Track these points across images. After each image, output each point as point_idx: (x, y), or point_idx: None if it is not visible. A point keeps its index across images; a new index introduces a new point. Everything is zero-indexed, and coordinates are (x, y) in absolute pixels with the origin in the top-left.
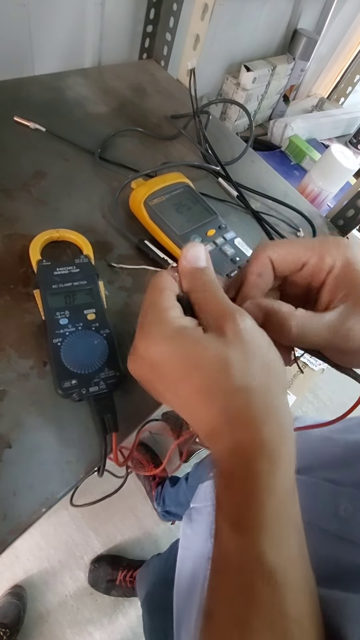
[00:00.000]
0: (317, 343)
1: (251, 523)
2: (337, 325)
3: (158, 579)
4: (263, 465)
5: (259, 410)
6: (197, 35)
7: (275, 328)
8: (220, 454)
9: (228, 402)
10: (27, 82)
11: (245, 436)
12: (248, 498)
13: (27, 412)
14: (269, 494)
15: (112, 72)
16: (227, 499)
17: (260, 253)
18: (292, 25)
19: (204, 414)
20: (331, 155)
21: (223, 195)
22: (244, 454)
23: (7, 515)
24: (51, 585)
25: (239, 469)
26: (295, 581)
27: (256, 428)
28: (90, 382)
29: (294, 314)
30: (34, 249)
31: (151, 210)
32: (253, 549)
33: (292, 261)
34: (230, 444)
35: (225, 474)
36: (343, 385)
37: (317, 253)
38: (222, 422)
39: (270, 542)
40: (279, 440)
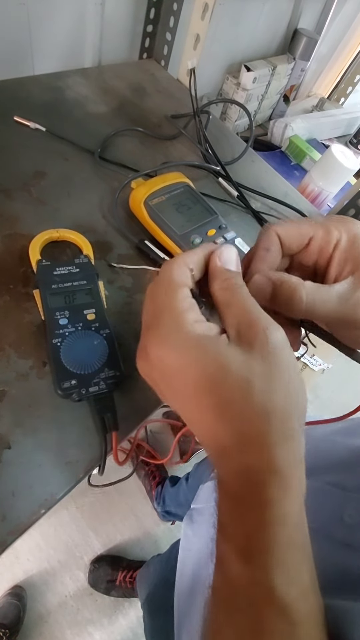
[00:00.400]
0: (326, 314)
1: (262, 554)
2: (346, 294)
3: (159, 580)
4: (275, 492)
5: (276, 435)
6: (197, 35)
7: (284, 299)
8: (228, 475)
9: (245, 424)
10: (27, 81)
11: (257, 461)
12: (258, 527)
13: (26, 412)
14: (280, 524)
15: (112, 72)
16: (234, 524)
17: (268, 229)
18: (292, 25)
19: (215, 432)
20: (332, 155)
21: (223, 195)
22: (255, 478)
23: (6, 517)
24: (51, 585)
25: (248, 495)
26: (308, 615)
27: (270, 453)
28: (90, 382)
29: (303, 284)
30: (33, 248)
31: (151, 210)
32: (264, 582)
33: (299, 236)
34: (240, 467)
35: (233, 497)
36: (344, 384)
37: (323, 227)
38: (235, 442)
39: (282, 575)
40: (292, 467)
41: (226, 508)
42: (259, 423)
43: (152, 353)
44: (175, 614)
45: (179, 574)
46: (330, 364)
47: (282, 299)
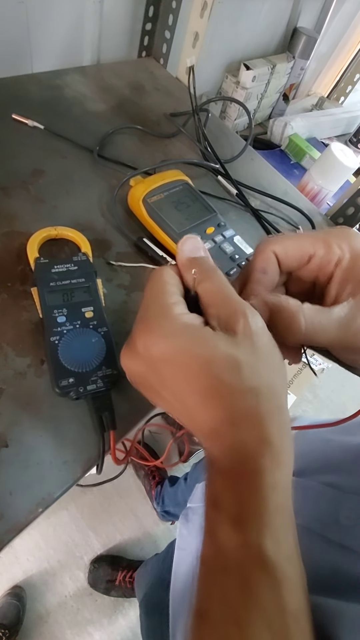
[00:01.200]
0: (326, 342)
1: (253, 518)
2: (347, 321)
3: (155, 579)
4: (267, 461)
5: (265, 410)
6: (196, 33)
7: (283, 326)
8: (221, 454)
9: (236, 403)
10: (26, 79)
11: (250, 435)
12: (251, 493)
13: (24, 410)
14: (272, 490)
15: (111, 70)
16: (227, 496)
17: (265, 248)
18: (291, 23)
19: (205, 415)
20: (331, 154)
21: (222, 193)
22: (248, 451)
23: (4, 515)
24: (51, 585)
25: (241, 467)
26: (293, 577)
27: (262, 427)
28: (88, 381)
29: (302, 309)
30: (31, 246)
31: (150, 207)
32: (254, 544)
33: (298, 254)
34: (233, 443)
35: (226, 473)
36: (343, 384)
37: (324, 244)
38: (227, 422)
39: (272, 536)
40: (282, 438)
41: (218, 482)
42: (249, 399)
43: (140, 343)
44: (171, 613)
45: (174, 573)
46: (330, 364)
47: (279, 326)
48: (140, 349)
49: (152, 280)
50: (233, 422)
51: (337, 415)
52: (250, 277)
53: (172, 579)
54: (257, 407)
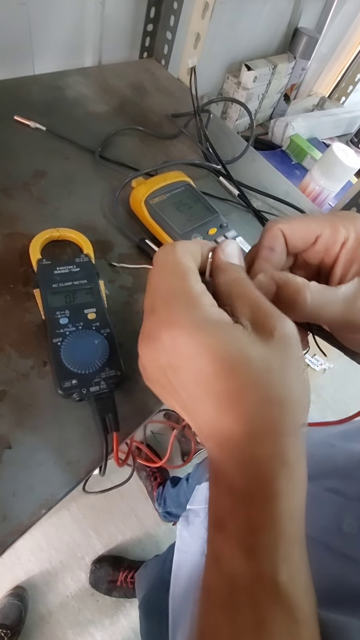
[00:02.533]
0: (331, 318)
1: (268, 548)
2: (352, 298)
3: (155, 581)
4: (284, 485)
5: (288, 425)
6: (197, 34)
7: (288, 301)
8: (234, 468)
9: (259, 412)
10: (28, 81)
11: (269, 451)
12: (266, 520)
13: (27, 412)
14: (288, 518)
15: (113, 71)
16: (237, 520)
17: (273, 226)
18: (292, 24)
19: (223, 421)
20: (333, 154)
21: (224, 194)
22: (264, 470)
23: (7, 517)
24: (52, 586)
25: (256, 487)
26: (310, 614)
27: (283, 444)
28: (91, 382)
29: (308, 285)
30: (34, 248)
31: (152, 209)
32: (269, 579)
33: (305, 234)
34: (249, 458)
35: (237, 491)
36: (345, 384)
37: (330, 225)
38: (245, 431)
39: (288, 572)
40: (300, 460)
41: (227, 503)
42: (275, 411)
43: (167, 336)
44: (170, 616)
45: (174, 576)
46: (332, 364)
47: (286, 301)
48: (166, 341)
49: (167, 264)
50: (252, 433)
51: (341, 416)
52: (258, 255)
53: (172, 582)
54: (280, 421)
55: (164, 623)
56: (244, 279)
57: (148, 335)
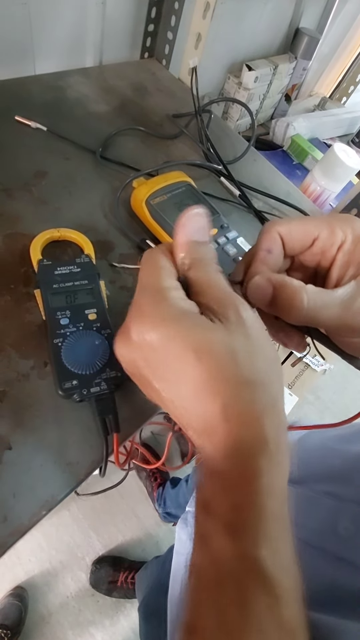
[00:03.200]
0: (328, 321)
1: (250, 526)
2: (349, 301)
3: (154, 583)
4: (264, 463)
5: (262, 405)
6: (198, 34)
7: (284, 303)
8: (215, 452)
9: (232, 396)
10: (28, 81)
11: (246, 433)
12: (247, 498)
13: (27, 412)
14: (269, 495)
15: (114, 71)
16: (221, 500)
17: (270, 228)
18: (294, 24)
19: (199, 408)
20: (334, 154)
21: (225, 195)
22: (244, 451)
23: (7, 518)
24: (53, 586)
25: (237, 468)
26: (290, 590)
27: (259, 424)
28: (92, 383)
29: (305, 288)
30: (34, 248)
31: (153, 209)
32: (251, 555)
33: (302, 236)
34: (228, 441)
35: (220, 474)
36: (344, 386)
37: (328, 227)
38: (222, 417)
39: (269, 547)
40: (279, 437)
41: (211, 484)
42: (245, 394)
43: (134, 329)
44: (169, 619)
45: (172, 579)
46: (332, 365)
47: (282, 303)
48: (133, 335)
49: (145, 262)
50: (227, 416)
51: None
52: (255, 257)
53: (170, 585)
54: (253, 401)
55: (163, 626)
56: (206, 259)
57: (121, 332)
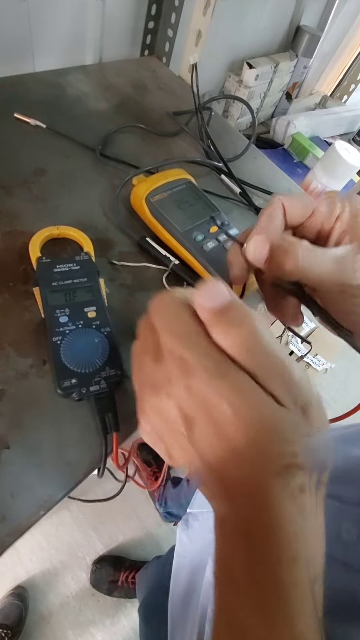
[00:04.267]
0: (321, 276)
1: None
2: (343, 258)
3: (154, 585)
4: (301, 547)
5: (299, 486)
6: (199, 31)
7: (281, 257)
8: (245, 524)
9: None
10: (28, 78)
11: (287, 511)
12: (287, 582)
13: (26, 411)
14: (308, 579)
15: (113, 69)
16: (253, 577)
17: (274, 198)
18: (294, 21)
19: (237, 474)
20: (335, 152)
21: (225, 192)
22: (285, 530)
23: (5, 518)
24: (53, 586)
25: (276, 548)
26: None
27: (299, 505)
28: (91, 381)
29: (300, 242)
30: (33, 246)
31: (153, 206)
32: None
33: (303, 207)
34: (265, 516)
35: (253, 548)
36: (346, 385)
37: (327, 200)
38: (260, 488)
39: (304, 621)
40: (314, 513)
41: (242, 560)
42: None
43: (180, 385)
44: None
45: (173, 581)
46: (333, 364)
47: (278, 257)
48: (181, 391)
49: (173, 311)
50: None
51: None
52: (257, 222)
53: (171, 588)
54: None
55: (163, 628)
56: (249, 331)
57: (154, 389)
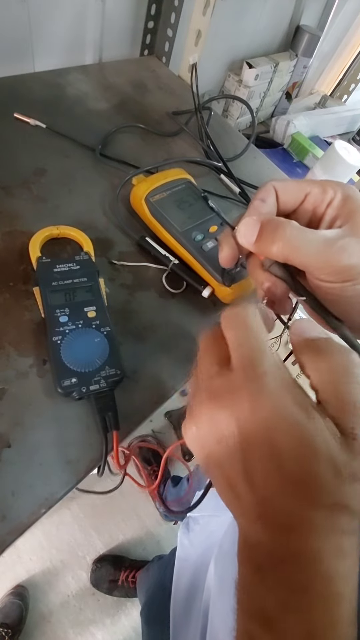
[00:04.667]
0: (310, 256)
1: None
2: (332, 239)
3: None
4: (342, 587)
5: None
6: (198, 31)
7: (269, 236)
8: (290, 558)
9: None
10: (28, 78)
11: (330, 547)
12: (327, 622)
13: (26, 410)
14: (349, 620)
15: (113, 69)
16: (293, 616)
17: (267, 183)
18: (294, 21)
19: (287, 504)
20: (335, 152)
21: (225, 192)
22: (327, 567)
23: (6, 516)
24: (53, 585)
25: (320, 583)
26: None
27: (340, 541)
28: (91, 381)
29: (290, 222)
30: (33, 246)
31: (152, 206)
32: None
33: (295, 190)
34: (310, 552)
35: (295, 584)
36: None
37: (319, 186)
38: (311, 522)
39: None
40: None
41: (280, 596)
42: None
43: (245, 403)
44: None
45: (175, 584)
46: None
47: (267, 236)
48: (245, 408)
49: (253, 328)
50: (319, 526)
51: None
52: (249, 205)
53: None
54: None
55: (166, 631)
56: (337, 364)
57: (216, 396)
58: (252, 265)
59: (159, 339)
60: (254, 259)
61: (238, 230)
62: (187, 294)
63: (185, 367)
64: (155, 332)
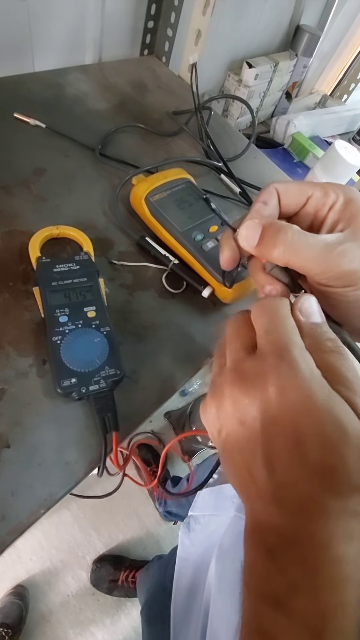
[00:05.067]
0: (310, 260)
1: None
2: (333, 244)
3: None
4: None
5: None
6: (198, 31)
7: (270, 240)
8: (308, 541)
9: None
10: (27, 78)
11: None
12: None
13: (26, 411)
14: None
15: (113, 69)
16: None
17: (269, 185)
18: (294, 21)
19: (309, 488)
20: (335, 152)
21: (225, 192)
22: (344, 551)
23: (6, 516)
24: (53, 585)
25: (336, 567)
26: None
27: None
28: (90, 381)
29: (291, 226)
30: (33, 245)
31: (152, 206)
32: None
33: (297, 193)
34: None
35: (310, 567)
36: None
37: (321, 188)
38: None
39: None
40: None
41: (292, 577)
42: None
43: (273, 384)
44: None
45: (175, 584)
46: None
47: (268, 240)
48: (272, 391)
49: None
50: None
51: None
52: (251, 207)
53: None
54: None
55: (166, 630)
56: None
57: (243, 379)
58: (254, 267)
59: (159, 339)
60: (255, 262)
61: (239, 233)
62: (187, 294)
63: (185, 367)
64: (155, 332)
